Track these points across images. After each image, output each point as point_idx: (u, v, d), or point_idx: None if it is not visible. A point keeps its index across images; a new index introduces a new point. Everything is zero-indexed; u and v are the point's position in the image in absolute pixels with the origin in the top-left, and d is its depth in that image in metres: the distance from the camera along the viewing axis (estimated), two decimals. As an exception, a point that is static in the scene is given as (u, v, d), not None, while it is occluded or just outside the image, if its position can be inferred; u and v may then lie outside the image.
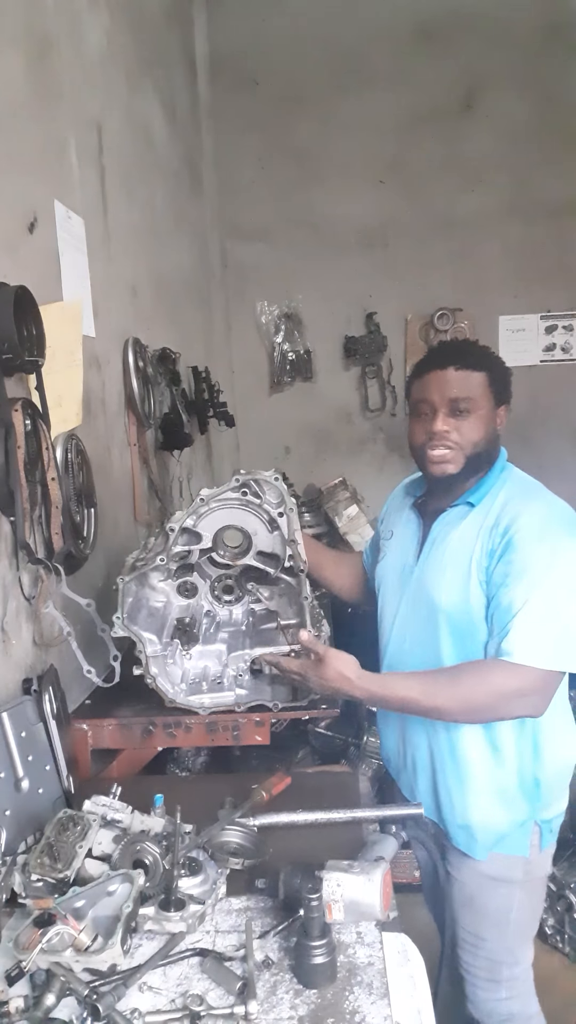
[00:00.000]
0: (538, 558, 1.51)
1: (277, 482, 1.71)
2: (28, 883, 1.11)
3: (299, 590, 1.73)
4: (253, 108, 4.48)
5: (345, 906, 1.10)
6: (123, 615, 1.66)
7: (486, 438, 1.63)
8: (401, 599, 1.75)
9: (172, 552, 1.70)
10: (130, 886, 1.08)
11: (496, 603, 1.55)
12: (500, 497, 1.62)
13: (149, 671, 1.70)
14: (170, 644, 1.78)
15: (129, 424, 2.47)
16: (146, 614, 1.77)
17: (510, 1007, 1.74)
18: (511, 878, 1.66)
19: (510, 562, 1.53)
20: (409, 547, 1.77)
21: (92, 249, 2.07)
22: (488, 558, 1.57)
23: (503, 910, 1.67)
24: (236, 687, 1.78)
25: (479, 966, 1.71)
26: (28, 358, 1.48)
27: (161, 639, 1.75)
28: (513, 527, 1.55)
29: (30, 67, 1.71)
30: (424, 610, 1.67)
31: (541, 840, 1.67)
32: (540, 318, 4.61)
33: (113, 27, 2.46)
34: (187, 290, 3.74)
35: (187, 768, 2.46)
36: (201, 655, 1.83)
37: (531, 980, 1.79)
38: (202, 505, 1.68)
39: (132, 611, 1.71)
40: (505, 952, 1.71)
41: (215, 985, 1.03)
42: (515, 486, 1.65)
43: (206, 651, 1.84)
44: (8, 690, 1.46)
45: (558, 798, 1.70)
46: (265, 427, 4.73)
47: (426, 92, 4.40)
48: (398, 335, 4.68)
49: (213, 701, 1.75)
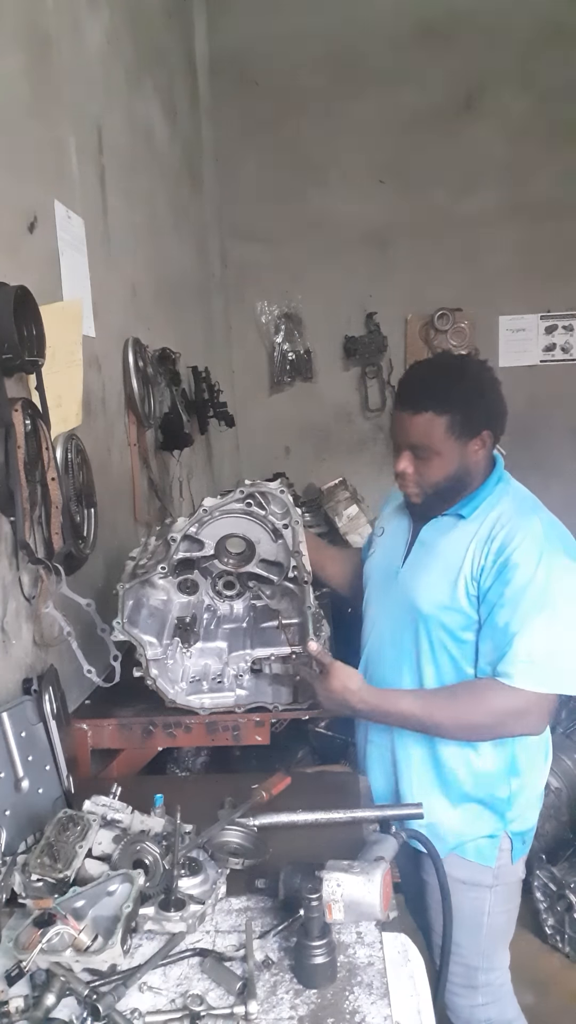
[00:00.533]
0: (536, 580, 1.51)
1: (283, 494, 1.69)
2: (28, 883, 1.11)
3: (303, 599, 1.73)
4: (253, 108, 4.48)
5: (345, 906, 1.10)
6: (123, 620, 1.66)
7: (451, 476, 1.62)
8: (384, 598, 1.77)
9: (174, 561, 1.70)
10: (130, 886, 1.08)
11: (491, 623, 1.55)
12: (494, 512, 1.61)
13: (149, 673, 1.70)
14: (171, 644, 1.78)
15: (129, 424, 2.47)
16: (146, 614, 1.77)
17: (487, 1012, 1.75)
18: (480, 882, 1.67)
19: (507, 582, 1.53)
20: (397, 547, 1.78)
21: (92, 249, 2.07)
22: (480, 572, 1.57)
23: (475, 914, 1.68)
24: (237, 687, 1.78)
25: (455, 972, 1.69)
26: (28, 358, 1.48)
27: (161, 640, 1.75)
28: (510, 547, 1.54)
29: (30, 67, 1.71)
30: (403, 612, 1.69)
31: (512, 851, 1.68)
32: (540, 318, 4.61)
33: (113, 27, 2.46)
34: (187, 290, 3.73)
35: (187, 768, 2.46)
36: (202, 652, 1.83)
37: (508, 985, 1.79)
38: (205, 515, 1.67)
39: (132, 612, 1.71)
40: (480, 957, 1.71)
41: (215, 985, 1.03)
42: (510, 501, 1.64)
43: (207, 648, 1.84)
44: (8, 690, 1.46)
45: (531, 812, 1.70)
46: (265, 427, 4.73)
47: (426, 92, 4.40)
48: (398, 335, 4.68)
49: (213, 702, 1.75)
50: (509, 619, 1.52)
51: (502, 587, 1.54)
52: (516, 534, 1.55)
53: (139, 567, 1.72)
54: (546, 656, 1.50)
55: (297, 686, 1.75)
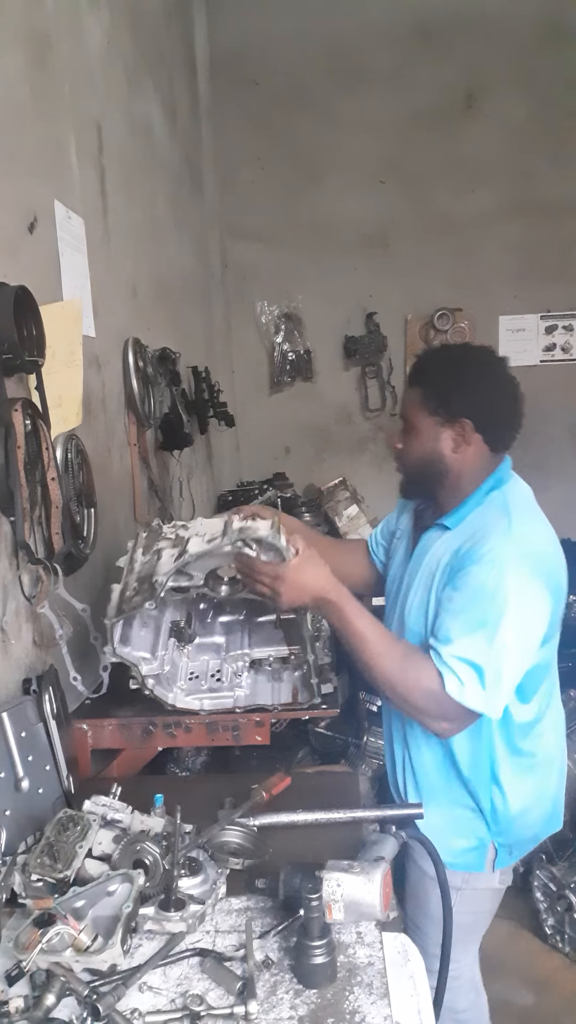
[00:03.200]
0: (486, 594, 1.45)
1: (277, 538, 1.53)
2: (28, 883, 1.11)
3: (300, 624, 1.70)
4: (253, 108, 4.48)
5: (345, 906, 1.10)
6: (113, 647, 1.62)
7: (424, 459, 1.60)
8: (392, 604, 1.77)
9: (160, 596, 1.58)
10: (130, 886, 1.08)
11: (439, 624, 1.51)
12: (476, 523, 1.56)
13: (146, 684, 1.68)
14: (166, 653, 1.74)
15: (129, 424, 2.47)
16: (139, 626, 1.71)
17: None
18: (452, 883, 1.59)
19: (457, 588, 1.49)
20: (403, 555, 1.79)
21: (92, 249, 2.07)
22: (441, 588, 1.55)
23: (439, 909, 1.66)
24: (235, 687, 1.78)
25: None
26: (28, 358, 1.48)
27: (156, 653, 1.71)
28: (472, 555, 1.49)
29: (30, 67, 1.71)
30: (399, 623, 1.69)
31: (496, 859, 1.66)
32: (540, 318, 4.61)
33: (113, 27, 2.46)
34: (187, 290, 3.73)
35: (187, 768, 2.46)
36: (199, 648, 1.82)
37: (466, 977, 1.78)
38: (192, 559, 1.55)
39: (124, 629, 1.66)
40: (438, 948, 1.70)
41: (215, 985, 1.03)
42: (495, 511, 1.55)
43: (204, 644, 1.82)
44: (8, 690, 1.46)
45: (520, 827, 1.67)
46: (265, 427, 4.73)
47: (426, 92, 4.41)
48: (398, 335, 4.68)
49: (213, 703, 1.74)
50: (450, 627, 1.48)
51: (453, 592, 1.50)
52: (482, 543, 1.49)
53: (125, 601, 1.61)
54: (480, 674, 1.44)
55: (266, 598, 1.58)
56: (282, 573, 1.50)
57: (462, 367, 1.62)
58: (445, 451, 1.60)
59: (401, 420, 1.69)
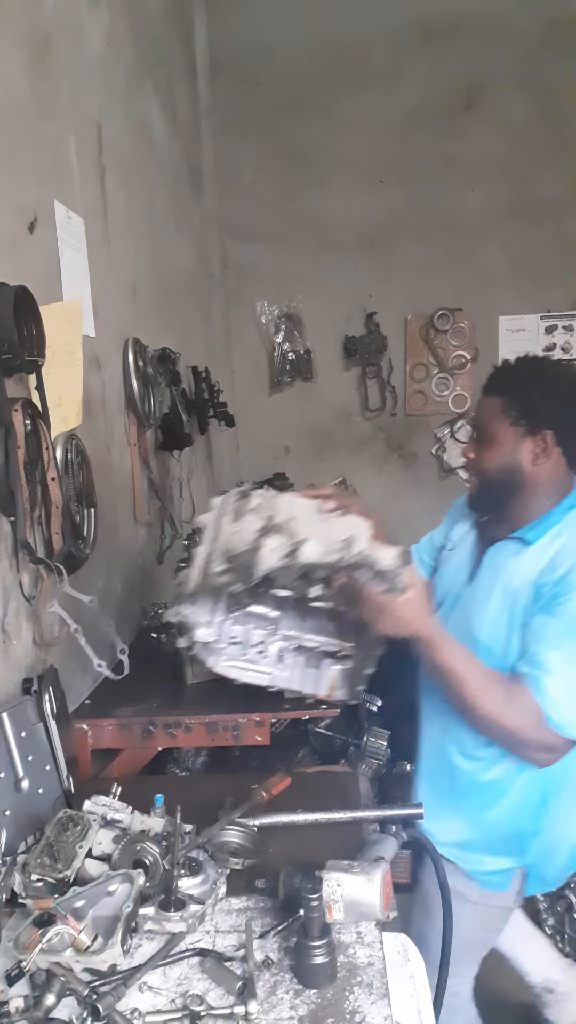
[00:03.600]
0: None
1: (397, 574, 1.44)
2: (28, 883, 1.11)
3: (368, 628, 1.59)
4: (253, 108, 4.48)
5: (345, 906, 1.10)
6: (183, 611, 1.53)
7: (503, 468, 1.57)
8: (448, 617, 1.71)
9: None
10: (130, 886, 1.08)
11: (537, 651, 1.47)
12: (559, 541, 1.53)
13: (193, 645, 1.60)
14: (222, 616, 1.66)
15: (129, 424, 2.47)
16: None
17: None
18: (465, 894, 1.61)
19: (555, 615, 1.47)
20: (463, 568, 1.74)
21: (92, 249, 2.07)
22: (536, 604, 1.52)
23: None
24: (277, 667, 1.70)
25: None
26: (28, 358, 1.48)
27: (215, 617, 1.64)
28: (570, 581, 1.47)
29: (30, 67, 1.71)
30: (462, 635, 1.61)
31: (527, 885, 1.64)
32: (540, 318, 4.60)
33: (113, 27, 2.46)
34: (187, 290, 3.74)
35: (187, 768, 2.46)
36: (247, 615, 1.70)
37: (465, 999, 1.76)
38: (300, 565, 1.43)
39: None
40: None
41: (215, 985, 1.03)
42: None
43: (252, 612, 1.70)
44: (8, 690, 1.46)
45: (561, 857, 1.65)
46: (265, 427, 4.73)
47: (426, 92, 4.40)
48: (398, 335, 4.67)
49: (249, 676, 1.68)
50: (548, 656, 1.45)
51: (548, 617, 1.47)
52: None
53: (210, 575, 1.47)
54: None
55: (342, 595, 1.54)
56: (389, 607, 1.43)
57: (551, 378, 1.59)
58: (524, 462, 1.56)
59: (474, 430, 1.66)
